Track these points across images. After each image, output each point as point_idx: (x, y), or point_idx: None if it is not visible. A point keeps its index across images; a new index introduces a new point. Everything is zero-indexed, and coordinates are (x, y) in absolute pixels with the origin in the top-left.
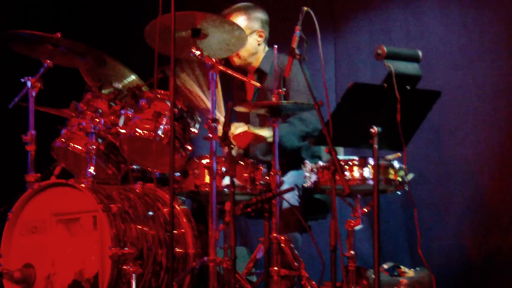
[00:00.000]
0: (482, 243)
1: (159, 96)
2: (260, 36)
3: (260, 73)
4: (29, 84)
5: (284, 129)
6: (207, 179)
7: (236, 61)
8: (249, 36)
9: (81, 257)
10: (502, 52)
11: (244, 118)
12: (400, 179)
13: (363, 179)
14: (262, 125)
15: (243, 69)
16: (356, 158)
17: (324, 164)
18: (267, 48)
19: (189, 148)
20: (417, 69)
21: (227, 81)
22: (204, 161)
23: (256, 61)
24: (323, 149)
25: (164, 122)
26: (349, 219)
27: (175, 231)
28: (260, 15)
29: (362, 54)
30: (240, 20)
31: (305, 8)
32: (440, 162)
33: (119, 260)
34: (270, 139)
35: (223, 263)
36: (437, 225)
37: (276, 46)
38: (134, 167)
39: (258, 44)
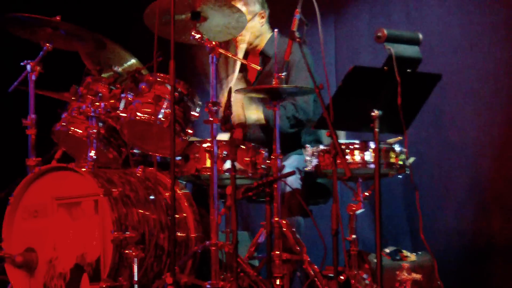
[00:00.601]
0: (484, 227)
1: (159, 79)
2: (262, 17)
3: (264, 56)
4: (28, 67)
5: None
6: (208, 163)
7: (242, 46)
8: (251, 21)
9: (83, 241)
10: (502, 34)
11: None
12: (401, 162)
13: (364, 162)
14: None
15: (246, 51)
16: (357, 141)
17: (325, 148)
18: (271, 30)
19: (190, 131)
20: (417, 52)
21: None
22: (205, 145)
23: (261, 43)
24: (323, 133)
25: (164, 106)
26: (351, 203)
27: (177, 215)
28: None
29: (362, 37)
30: (239, 5)
31: None
32: (441, 145)
33: (121, 244)
34: (261, 121)
35: (225, 247)
36: (438, 208)
37: (276, 30)
38: (135, 151)
39: (261, 26)
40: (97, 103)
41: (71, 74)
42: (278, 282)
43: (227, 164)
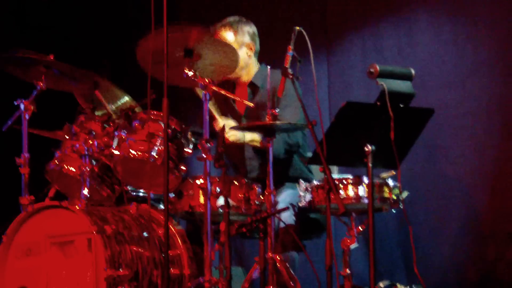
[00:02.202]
0: (478, 261)
1: (152, 117)
2: (250, 49)
3: (253, 87)
4: (22, 107)
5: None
6: (201, 199)
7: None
8: (238, 50)
9: (76, 279)
10: (495, 69)
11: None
12: (394, 197)
13: (358, 197)
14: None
15: (232, 82)
16: (350, 176)
17: (319, 183)
18: (258, 64)
19: (183, 168)
20: (410, 87)
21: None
22: (198, 182)
23: (247, 75)
24: (315, 167)
25: (158, 143)
26: (345, 237)
27: (170, 252)
28: (248, 28)
29: (355, 72)
30: (229, 35)
31: (297, 28)
32: (435, 180)
33: (114, 282)
34: (256, 143)
35: (219, 284)
36: (432, 243)
37: (269, 67)
38: (129, 188)
39: (249, 57)
40: (91, 141)
41: (64, 113)
42: None
43: (221, 201)
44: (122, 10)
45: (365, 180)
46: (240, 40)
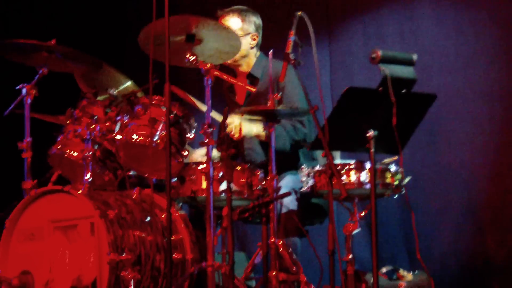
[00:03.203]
0: (480, 246)
1: (154, 102)
2: (254, 39)
3: (252, 79)
4: (24, 91)
5: (276, 130)
6: (204, 184)
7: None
8: (242, 38)
9: (79, 263)
10: (497, 55)
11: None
12: (397, 182)
13: (360, 183)
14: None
15: (232, 70)
16: (352, 162)
17: (321, 168)
18: (258, 53)
19: (185, 153)
20: (412, 73)
21: (217, 85)
22: (201, 167)
23: (246, 65)
24: (319, 153)
25: (160, 128)
26: (347, 223)
27: (173, 237)
28: (255, 19)
29: (357, 58)
30: (235, 21)
31: (299, 13)
32: (437, 165)
33: (117, 266)
34: (261, 137)
35: (221, 268)
36: (434, 228)
37: (271, 51)
38: (131, 173)
39: (251, 48)
40: (93, 126)
41: (67, 97)
42: None
43: (223, 186)
44: None
45: (368, 165)
46: (246, 28)
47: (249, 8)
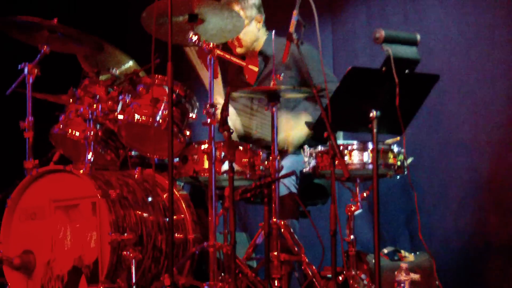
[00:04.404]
0: (482, 227)
1: (156, 81)
2: (259, 22)
3: (264, 56)
4: (26, 70)
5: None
6: (206, 164)
7: (239, 50)
8: (248, 25)
9: (81, 243)
10: (501, 35)
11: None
12: (399, 163)
13: (363, 163)
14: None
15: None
16: (355, 142)
17: (323, 149)
18: (267, 32)
19: (188, 133)
20: (415, 53)
21: (224, 65)
22: (203, 147)
23: (258, 46)
24: None
25: (162, 108)
26: (349, 203)
27: (175, 217)
28: (254, 0)
29: (360, 38)
30: (236, 10)
31: None
32: (439, 146)
33: (119, 246)
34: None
35: (223, 249)
36: (436, 209)
37: (274, 31)
38: (133, 153)
39: (258, 30)
40: (95, 106)
41: (69, 77)
42: (276, 283)
43: (225, 166)
44: None
45: (370, 146)
46: (249, 15)
47: None
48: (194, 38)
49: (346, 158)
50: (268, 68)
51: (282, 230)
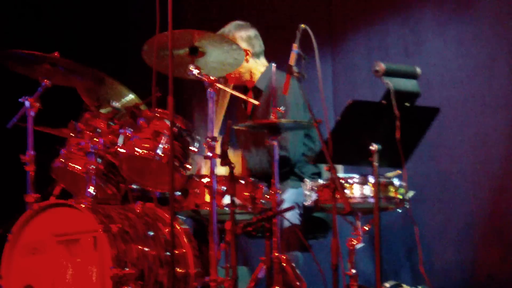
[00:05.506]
0: (483, 260)
1: (157, 115)
2: (247, 54)
3: (256, 91)
4: (27, 104)
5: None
6: (207, 198)
7: (230, 80)
8: None
9: (82, 278)
10: (500, 68)
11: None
12: (400, 196)
13: (364, 197)
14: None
15: (243, 85)
16: (356, 175)
17: (324, 182)
18: (266, 63)
19: (189, 167)
20: (415, 86)
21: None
22: (204, 180)
23: (250, 78)
24: (321, 166)
25: (163, 141)
26: (350, 237)
27: (176, 251)
28: (243, 33)
29: (360, 71)
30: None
31: (303, 26)
32: (440, 179)
33: (120, 280)
34: None
35: (225, 283)
36: (438, 242)
37: (274, 64)
38: (134, 186)
39: (247, 62)
40: (96, 139)
41: (70, 110)
42: None
43: (227, 199)
44: (125, 8)
45: (371, 179)
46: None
47: (235, 24)
48: (195, 71)
49: (347, 191)
50: (260, 102)
51: (284, 264)
